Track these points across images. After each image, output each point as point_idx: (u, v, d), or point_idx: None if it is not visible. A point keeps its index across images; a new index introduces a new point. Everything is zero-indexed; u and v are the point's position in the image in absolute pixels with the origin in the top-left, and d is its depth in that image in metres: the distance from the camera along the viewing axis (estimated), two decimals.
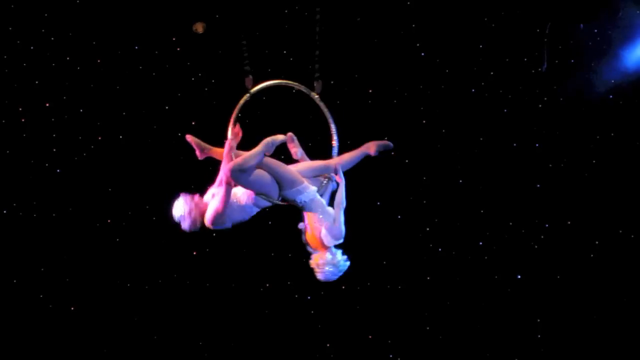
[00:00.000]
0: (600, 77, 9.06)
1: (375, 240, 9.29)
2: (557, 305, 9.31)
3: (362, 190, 9.14)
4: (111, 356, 9.04)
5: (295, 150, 6.39)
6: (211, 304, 9.20)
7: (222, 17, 8.70)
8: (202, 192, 6.02)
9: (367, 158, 6.84)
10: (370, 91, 9.21)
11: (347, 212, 9.04)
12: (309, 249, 6.22)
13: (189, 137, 6.16)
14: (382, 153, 6.38)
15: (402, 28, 9.11)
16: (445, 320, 9.38)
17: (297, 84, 6.36)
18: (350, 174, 6.49)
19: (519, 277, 9.37)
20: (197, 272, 9.18)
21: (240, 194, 5.94)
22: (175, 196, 5.92)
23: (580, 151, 9.28)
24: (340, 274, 6.19)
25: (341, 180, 6.26)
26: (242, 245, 9.14)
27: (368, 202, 9.28)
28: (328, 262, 6.08)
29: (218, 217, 5.84)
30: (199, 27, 8.70)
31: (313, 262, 6.15)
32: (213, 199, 5.87)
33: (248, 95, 6.15)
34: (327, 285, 9.26)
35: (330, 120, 6.34)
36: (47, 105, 8.84)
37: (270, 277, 9.28)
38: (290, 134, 6.37)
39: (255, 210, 6.04)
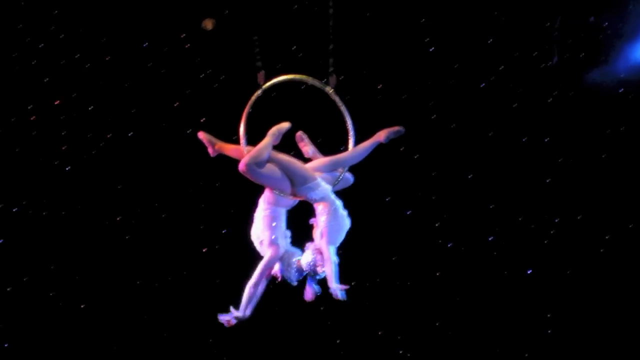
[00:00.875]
0: (610, 71, 9.05)
1: (384, 236, 9.29)
2: (568, 300, 9.29)
3: (372, 186, 9.18)
4: (121, 354, 9.06)
5: (307, 148, 6.29)
6: (220, 301, 9.18)
7: (234, 12, 8.70)
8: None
9: (376, 152, 6.80)
10: (380, 86, 9.21)
11: (355, 209, 9.10)
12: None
13: (201, 134, 6.11)
14: (393, 140, 6.30)
15: (411, 23, 9.11)
16: (455, 316, 9.37)
17: (310, 78, 6.23)
18: (359, 169, 6.47)
19: (529, 272, 9.36)
20: (207, 269, 9.18)
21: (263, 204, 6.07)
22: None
23: (590, 145, 9.26)
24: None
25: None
26: (250, 242, 9.13)
27: (377, 197, 9.28)
28: (311, 260, 6.13)
29: (270, 237, 6.11)
30: (208, 24, 8.70)
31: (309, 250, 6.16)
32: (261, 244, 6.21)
33: (260, 90, 6.08)
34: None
35: (346, 114, 6.23)
36: (57, 102, 8.86)
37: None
38: (299, 132, 6.29)
39: (283, 210, 6.08)
